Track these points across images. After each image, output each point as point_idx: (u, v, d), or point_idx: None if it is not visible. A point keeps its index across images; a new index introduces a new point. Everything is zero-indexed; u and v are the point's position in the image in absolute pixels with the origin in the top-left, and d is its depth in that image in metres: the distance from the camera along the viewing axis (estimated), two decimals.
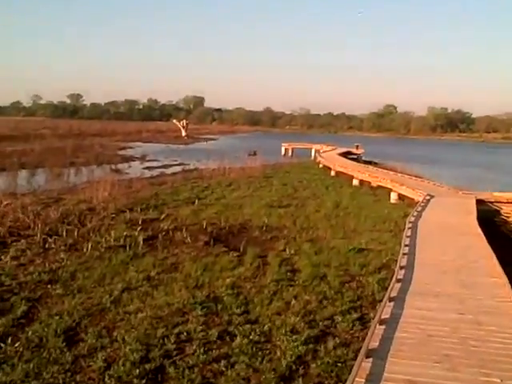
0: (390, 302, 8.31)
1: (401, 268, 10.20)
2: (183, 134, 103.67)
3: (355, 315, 10.10)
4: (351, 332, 9.39)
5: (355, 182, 30.93)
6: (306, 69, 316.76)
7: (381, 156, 58.98)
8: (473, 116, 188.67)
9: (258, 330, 9.25)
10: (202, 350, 8.38)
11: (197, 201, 23.18)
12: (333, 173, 36.11)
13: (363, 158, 55.30)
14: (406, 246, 12.33)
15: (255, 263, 13.66)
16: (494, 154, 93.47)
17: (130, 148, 69.44)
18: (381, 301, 8.97)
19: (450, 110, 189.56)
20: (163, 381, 7.60)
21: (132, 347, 8.39)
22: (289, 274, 12.84)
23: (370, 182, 29.68)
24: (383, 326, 7.29)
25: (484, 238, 13.51)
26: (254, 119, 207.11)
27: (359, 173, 31.42)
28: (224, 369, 7.87)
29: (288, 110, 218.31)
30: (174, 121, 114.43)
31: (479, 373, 6.03)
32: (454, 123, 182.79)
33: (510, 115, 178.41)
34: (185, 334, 9.04)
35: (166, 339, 8.76)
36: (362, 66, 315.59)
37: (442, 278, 9.96)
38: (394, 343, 6.77)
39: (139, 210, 20.46)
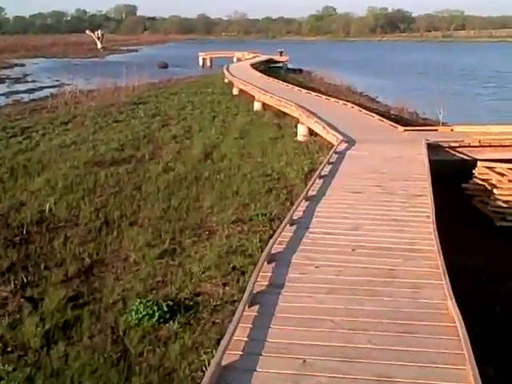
0: None
1: None
2: (99, 46, 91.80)
3: None
4: None
5: (257, 106, 21.73)
6: None
7: (312, 63, 49.12)
8: (413, 15, 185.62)
9: None
10: None
11: None
12: (235, 91, 26.74)
13: (289, 66, 45.63)
14: None
15: None
16: (444, 52, 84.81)
17: (21, 66, 58.66)
18: None
19: (390, 10, 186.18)
20: None
21: None
22: None
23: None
24: None
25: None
26: (188, 27, 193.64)
27: (260, 93, 21.92)
28: None
29: (224, 15, 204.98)
30: (87, 32, 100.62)
31: None
32: (394, 23, 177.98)
33: (450, 12, 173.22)
34: None
35: None
36: None
37: None
38: None
39: None
